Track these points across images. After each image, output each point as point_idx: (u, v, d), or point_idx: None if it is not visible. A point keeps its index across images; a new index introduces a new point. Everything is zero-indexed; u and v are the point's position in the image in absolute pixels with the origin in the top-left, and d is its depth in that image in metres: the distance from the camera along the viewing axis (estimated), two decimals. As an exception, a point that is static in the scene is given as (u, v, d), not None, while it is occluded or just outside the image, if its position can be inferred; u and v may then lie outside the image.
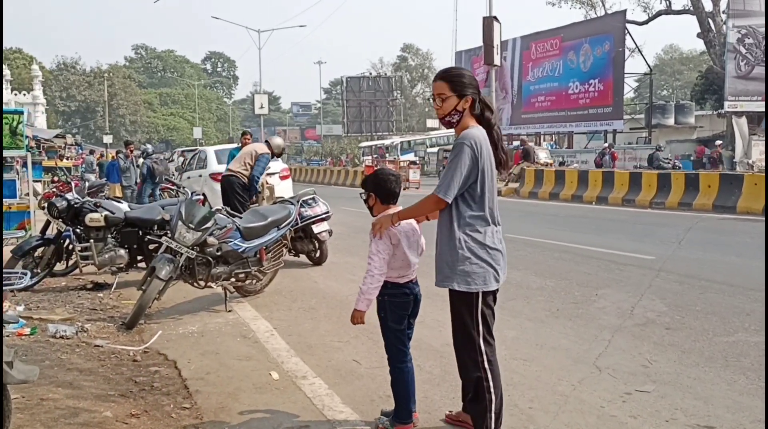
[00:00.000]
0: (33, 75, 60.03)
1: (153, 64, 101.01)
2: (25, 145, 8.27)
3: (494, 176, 3.24)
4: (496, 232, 3.27)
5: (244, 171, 9.30)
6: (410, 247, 3.48)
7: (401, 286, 3.49)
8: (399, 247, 3.42)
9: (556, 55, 38.85)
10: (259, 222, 6.51)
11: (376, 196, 3.53)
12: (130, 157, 14.67)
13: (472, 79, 3.23)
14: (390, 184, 3.50)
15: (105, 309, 6.36)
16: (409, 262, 3.47)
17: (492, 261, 3.19)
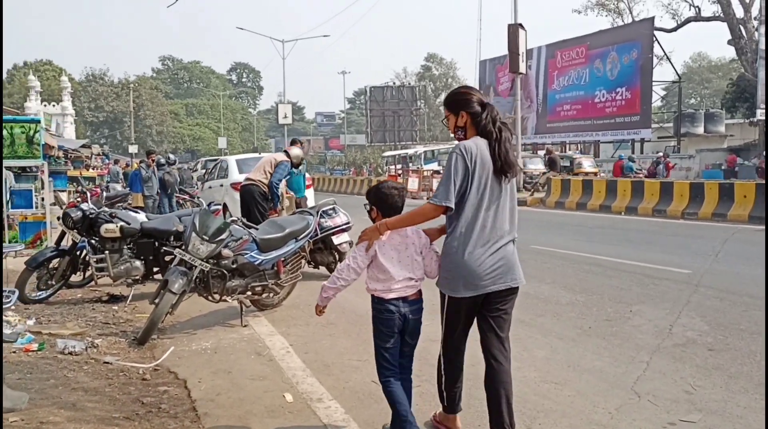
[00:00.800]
0: (62, 86, 60.85)
1: (179, 75, 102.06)
2: (42, 154, 8.14)
3: (490, 186, 3.22)
4: (486, 243, 3.23)
5: (263, 180, 9.06)
6: (399, 261, 3.36)
7: (385, 301, 3.36)
8: (377, 258, 3.34)
9: (582, 63, 38.37)
10: (277, 233, 6.27)
11: (377, 210, 3.47)
12: (151, 166, 14.58)
13: (466, 97, 3.32)
14: (392, 199, 3.44)
15: (118, 323, 6.16)
16: (392, 276, 3.33)
17: (457, 271, 3.23)
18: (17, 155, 7.66)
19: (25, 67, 76.14)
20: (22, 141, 7.63)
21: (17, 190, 7.81)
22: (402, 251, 3.36)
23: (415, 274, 3.38)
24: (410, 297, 3.37)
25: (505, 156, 3.21)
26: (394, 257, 3.34)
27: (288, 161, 9.20)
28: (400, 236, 3.38)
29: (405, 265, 3.35)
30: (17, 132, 7.61)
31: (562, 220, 15.51)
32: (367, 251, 3.36)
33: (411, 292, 3.38)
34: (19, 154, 7.66)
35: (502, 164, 3.20)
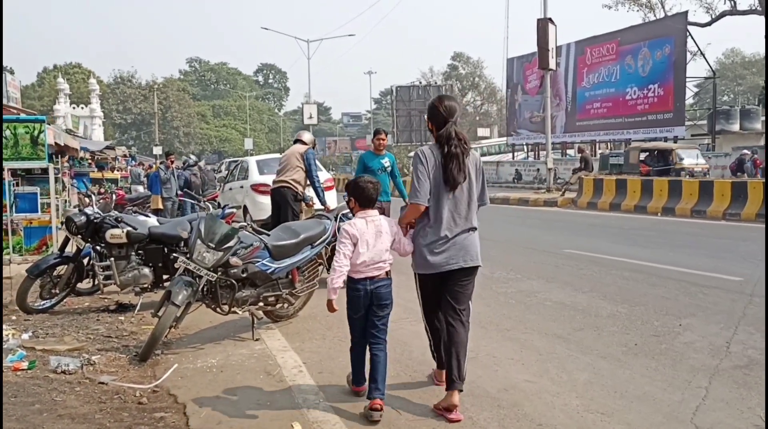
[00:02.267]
0: (90, 89, 61.41)
1: (206, 76, 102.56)
2: (47, 155, 7.76)
3: (441, 186, 3.89)
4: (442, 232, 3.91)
5: (295, 181, 8.47)
6: (372, 247, 3.95)
7: (355, 280, 3.98)
8: (357, 246, 3.93)
9: (613, 60, 37.40)
10: (291, 239, 5.80)
11: (355, 200, 4.07)
12: (170, 167, 14.22)
13: (434, 110, 4.00)
14: (368, 191, 4.04)
15: (121, 336, 5.74)
16: (364, 261, 3.93)
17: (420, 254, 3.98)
18: (21, 157, 7.31)
19: (55, 70, 77.11)
20: (26, 141, 7.26)
21: (21, 193, 7.45)
22: (376, 240, 3.96)
23: (382, 258, 3.98)
24: (377, 277, 3.98)
25: (451, 171, 3.85)
26: (368, 245, 3.94)
27: (311, 148, 8.67)
28: (375, 228, 3.99)
29: (376, 251, 3.95)
30: (21, 132, 7.24)
31: (596, 221, 14.84)
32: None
33: (378, 273, 3.98)
34: (23, 155, 7.29)
35: (448, 177, 3.86)
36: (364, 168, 8.71)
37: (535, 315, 6.18)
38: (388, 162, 8.94)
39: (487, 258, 9.75)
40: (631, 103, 36.14)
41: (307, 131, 9.18)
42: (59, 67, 78.30)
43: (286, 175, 8.43)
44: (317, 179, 8.45)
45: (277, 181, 8.51)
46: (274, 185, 8.54)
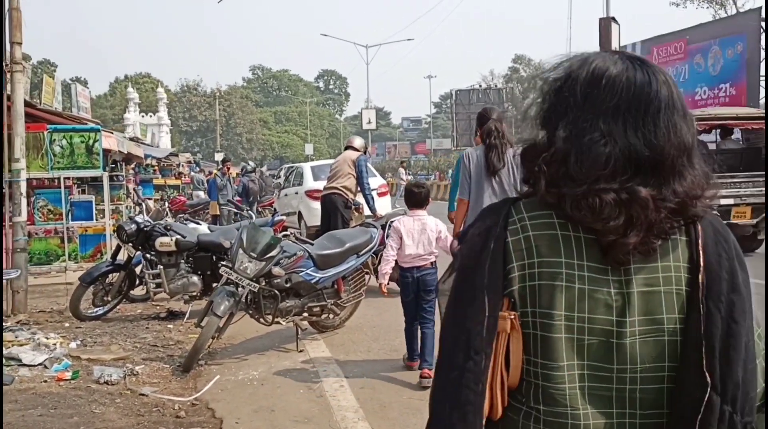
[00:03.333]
0: (158, 97, 63.37)
1: (269, 83, 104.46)
2: (102, 163, 7.88)
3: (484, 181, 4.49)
4: None
5: (345, 188, 8.37)
6: (417, 242, 4.65)
7: (404, 269, 4.70)
8: (402, 241, 4.65)
9: (681, 59, 36.04)
10: (336, 248, 5.68)
11: (407, 202, 4.93)
12: (227, 174, 14.41)
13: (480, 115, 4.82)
14: (416, 196, 4.83)
15: (167, 345, 5.73)
16: (410, 253, 4.64)
17: None
18: (77, 166, 7.45)
19: (126, 80, 79.86)
20: (82, 151, 7.40)
21: (77, 201, 7.60)
22: (420, 235, 4.66)
23: (426, 251, 4.66)
24: (422, 267, 4.67)
25: (491, 159, 4.46)
26: (414, 239, 4.64)
27: (361, 154, 8.55)
28: (421, 225, 4.70)
29: (420, 245, 4.65)
30: (77, 141, 7.38)
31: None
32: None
33: (423, 264, 4.67)
34: (79, 164, 7.44)
35: (489, 164, 4.46)
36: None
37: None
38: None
39: None
40: (701, 103, 34.59)
41: (358, 137, 9.08)
42: (129, 77, 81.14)
43: (337, 181, 8.34)
44: (368, 187, 8.32)
45: (328, 188, 8.43)
46: (325, 192, 8.47)
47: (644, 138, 1.09)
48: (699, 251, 1.11)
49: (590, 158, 1.08)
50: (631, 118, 1.09)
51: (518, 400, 1.16)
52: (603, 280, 1.10)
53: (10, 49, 6.59)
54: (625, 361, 1.10)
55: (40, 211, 7.24)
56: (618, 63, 1.14)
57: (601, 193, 1.07)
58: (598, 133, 1.09)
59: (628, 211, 1.07)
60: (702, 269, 1.10)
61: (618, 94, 1.10)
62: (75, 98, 25.35)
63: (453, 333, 1.14)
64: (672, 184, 1.09)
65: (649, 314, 1.10)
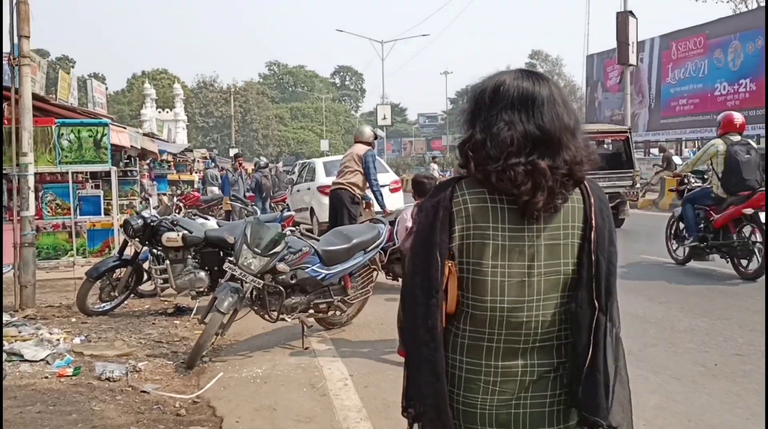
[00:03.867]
0: (175, 93, 63.65)
1: (285, 79, 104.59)
2: (110, 158, 7.84)
3: None
4: None
5: (352, 184, 8.24)
6: None
7: None
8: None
9: (701, 54, 35.55)
10: (342, 244, 5.59)
11: (414, 192, 5.33)
12: (239, 169, 14.35)
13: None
14: (423, 186, 5.21)
15: (172, 341, 5.67)
16: None
17: None
18: (84, 160, 7.42)
19: (143, 76, 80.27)
20: (90, 145, 7.37)
21: (86, 196, 7.57)
22: None
23: None
24: None
25: None
26: None
27: (369, 148, 8.38)
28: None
29: None
30: (85, 136, 7.36)
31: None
32: None
33: None
34: (87, 158, 7.41)
35: None
36: None
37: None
38: None
39: None
40: (720, 99, 34.21)
41: (366, 127, 8.87)
42: (147, 73, 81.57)
43: (345, 177, 8.23)
44: (376, 183, 8.16)
45: (335, 183, 8.33)
46: (332, 187, 8.37)
47: (535, 123, 1.55)
48: (593, 216, 1.59)
49: (499, 140, 1.54)
50: (524, 110, 1.56)
51: (451, 323, 1.65)
52: (519, 237, 1.56)
53: (18, 42, 6.56)
54: (532, 293, 1.57)
55: (48, 205, 7.23)
56: (512, 76, 1.61)
57: (514, 166, 1.52)
58: (502, 122, 1.55)
59: (533, 178, 1.52)
60: (594, 229, 1.58)
61: (511, 96, 1.57)
62: (91, 93, 25.51)
63: (416, 279, 1.59)
64: (561, 154, 1.54)
65: (551, 259, 1.57)
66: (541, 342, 1.61)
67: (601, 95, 43.80)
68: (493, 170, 1.54)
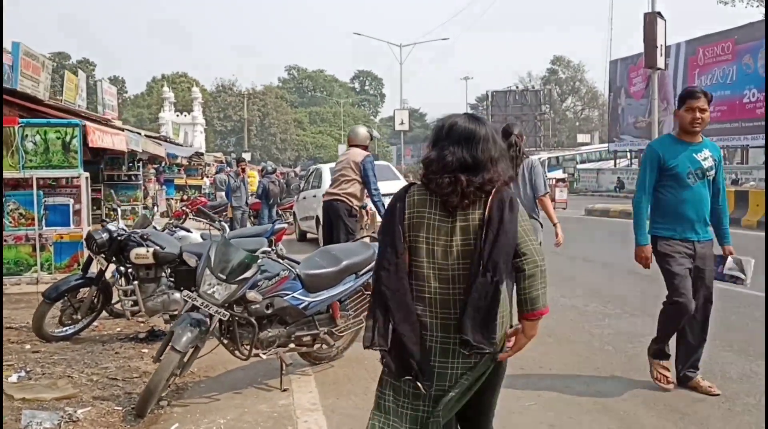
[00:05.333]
0: (193, 97, 63.46)
1: (304, 83, 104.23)
2: (80, 162, 7.05)
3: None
4: None
5: (349, 195, 7.36)
6: None
7: None
8: None
9: (729, 60, 34.41)
10: (329, 267, 4.76)
11: None
12: (241, 175, 13.56)
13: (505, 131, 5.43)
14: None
15: (131, 378, 4.86)
16: None
17: None
18: (51, 164, 6.65)
19: (163, 79, 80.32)
20: (57, 148, 6.61)
21: (53, 205, 6.79)
22: None
23: None
24: None
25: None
26: None
27: (367, 154, 7.44)
28: None
29: None
30: (52, 137, 6.60)
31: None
32: None
33: None
34: (54, 163, 6.65)
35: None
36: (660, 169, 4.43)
37: (642, 371, 4.82)
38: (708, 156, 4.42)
39: (581, 285, 8.44)
40: (749, 106, 33.08)
41: (361, 127, 7.84)
42: (166, 77, 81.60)
43: (340, 187, 7.28)
44: (377, 193, 7.21)
45: (330, 193, 7.36)
46: (326, 198, 7.42)
47: (469, 154, 2.40)
48: (487, 208, 2.37)
49: (441, 162, 2.40)
50: (464, 144, 2.42)
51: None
52: (444, 220, 2.41)
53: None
54: (453, 258, 2.38)
55: (10, 215, 6.47)
56: (463, 119, 2.49)
57: (443, 178, 2.38)
58: (447, 151, 2.42)
59: (454, 186, 2.37)
60: (489, 211, 2.36)
61: (458, 133, 2.44)
62: (101, 96, 24.97)
63: (385, 249, 2.42)
64: (481, 174, 2.38)
65: (464, 235, 2.38)
66: (461, 293, 2.35)
67: (624, 101, 42.68)
68: (432, 179, 2.41)
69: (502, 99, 63.79)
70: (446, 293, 2.35)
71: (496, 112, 61.77)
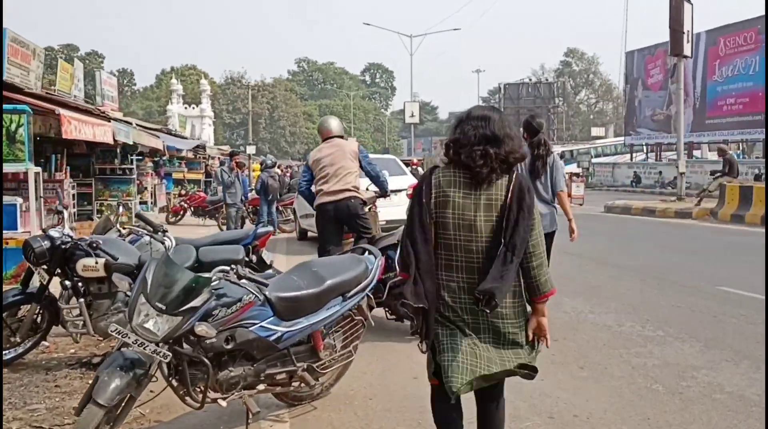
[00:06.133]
0: (201, 89, 62.65)
1: (314, 76, 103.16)
2: (28, 154, 6.07)
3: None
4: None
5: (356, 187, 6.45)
6: None
7: None
8: None
9: (752, 50, 33.09)
10: (310, 288, 3.78)
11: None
12: (235, 169, 12.53)
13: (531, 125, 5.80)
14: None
15: (62, 424, 3.90)
16: None
17: None
18: (-10, 157, 5.69)
19: (172, 72, 79.64)
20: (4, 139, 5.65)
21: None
22: None
23: None
24: None
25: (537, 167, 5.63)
26: None
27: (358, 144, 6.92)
28: None
29: None
30: (-7, 127, 5.65)
31: (753, 241, 11.73)
32: None
33: None
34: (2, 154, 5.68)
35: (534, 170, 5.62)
36: None
37: (704, 425, 3.80)
38: None
39: (612, 298, 7.02)
40: (773, 97, 31.77)
41: (332, 117, 7.10)
42: (175, 69, 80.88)
43: (345, 180, 6.34)
44: (382, 173, 6.75)
45: (336, 192, 6.37)
46: (333, 198, 6.37)
47: (489, 129, 2.71)
48: (510, 190, 2.68)
49: (466, 137, 2.70)
50: (483, 122, 2.73)
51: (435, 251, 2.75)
52: (468, 197, 2.69)
53: None
54: (477, 231, 2.67)
55: (-54, 217, 5.54)
56: (476, 106, 2.90)
57: (474, 151, 2.67)
58: (469, 128, 2.72)
59: (485, 158, 2.66)
60: (510, 195, 2.67)
61: (476, 115, 2.78)
62: (99, 86, 24.03)
63: (414, 225, 2.70)
64: (502, 147, 2.68)
65: (487, 211, 2.68)
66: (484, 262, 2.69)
67: (641, 94, 41.37)
68: (462, 152, 2.71)
69: (515, 91, 62.52)
70: (471, 261, 2.70)
71: (508, 105, 60.44)
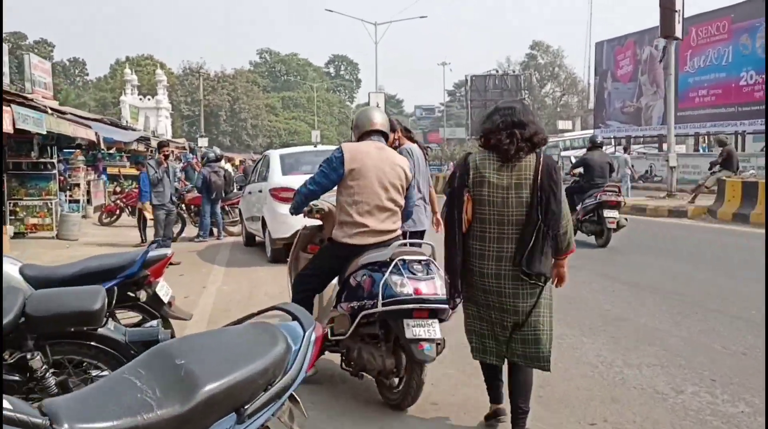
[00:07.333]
0: (157, 80, 60.17)
1: (277, 68, 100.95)
2: None
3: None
4: None
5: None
6: None
7: None
8: None
9: (724, 40, 32.16)
10: (162, 406, 2.00)
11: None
12: (163, 164, 10.45)
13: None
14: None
15: None
16: None
17: None
18: None
19: (127, 61, 76.80)
20: None
21: None
22: None
23: None
24: None
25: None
26: None
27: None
28: None
29: None
30: None
31: (754, 243, 10.23)
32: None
33: None
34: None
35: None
36: None
37: None
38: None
39: (644, 335, 4.96)
40: (746, 89, 30.87)
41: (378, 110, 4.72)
42: (131, 59, 77.97)
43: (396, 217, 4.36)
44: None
45: (382, 232, 4.18)
46: (376, 240, 4.15)
47: (516, 117, 3.41)
48: (539, 170, 3.36)
49: (495, 124, 3.42)
50: (508, 112, 3.44)
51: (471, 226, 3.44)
52: (500, 177, 3.37)
53: None
54: (509, 206, 3.35)
55: None
56: (504, 101, 3.65)
57: (502, 133, 3.39)
58: (496, 117, 3.45)
59: (512, 139, 3.37)
60: (540, 175, 3.35)
61: (501, 108, 3.51)
62: (29, 71, 21.71)
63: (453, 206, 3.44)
64: (527, 129, 3.38)
65: (517, 189, 3.36)
66: (514, 234, 3.35)
67: (611, 85, 40.38)
68: (492, 137, 3.39)
69: (481, 83, 61.45)
70: (502, 232, 3.36)
71: (475, 97, 59.30)
